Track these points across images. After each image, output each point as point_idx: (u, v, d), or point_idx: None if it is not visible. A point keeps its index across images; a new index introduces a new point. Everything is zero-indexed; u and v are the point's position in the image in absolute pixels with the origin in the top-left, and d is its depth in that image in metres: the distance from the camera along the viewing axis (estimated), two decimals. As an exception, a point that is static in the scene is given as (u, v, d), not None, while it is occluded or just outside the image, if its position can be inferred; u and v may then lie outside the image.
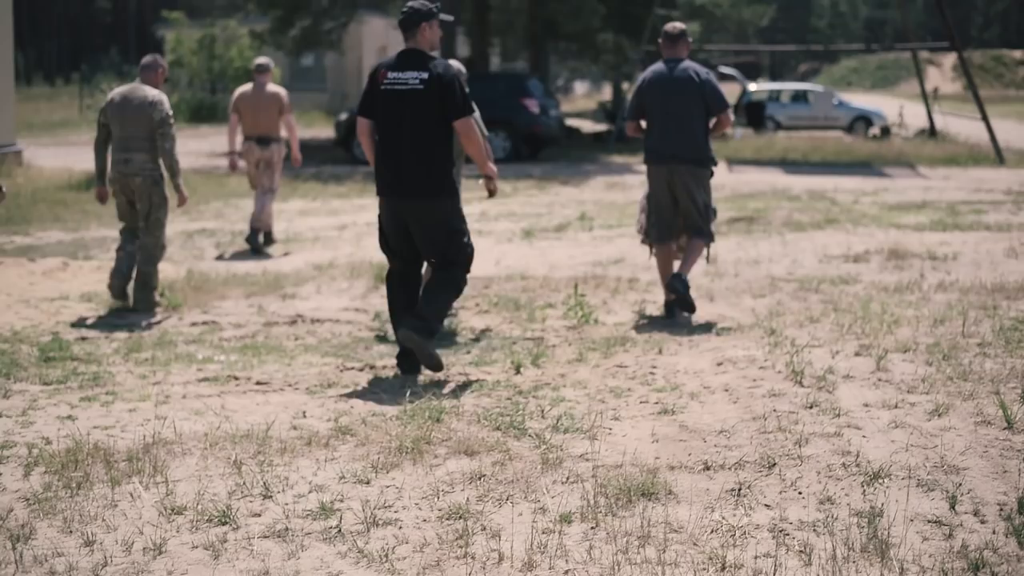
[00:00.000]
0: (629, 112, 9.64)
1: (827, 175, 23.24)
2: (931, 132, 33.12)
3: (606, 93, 66.12)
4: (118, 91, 10.22)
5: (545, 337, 8.68)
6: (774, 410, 6.36)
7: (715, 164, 9.45)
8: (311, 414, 6.58)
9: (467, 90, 7.66)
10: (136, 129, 9.92)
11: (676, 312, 9.22)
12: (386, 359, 8.09)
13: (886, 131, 36.03)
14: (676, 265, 9.41)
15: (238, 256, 13.17)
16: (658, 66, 9.42)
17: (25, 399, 6.94)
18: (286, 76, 44.06)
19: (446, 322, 8.87)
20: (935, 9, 33.25)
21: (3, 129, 22.41)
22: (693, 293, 9.26)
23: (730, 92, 9.45)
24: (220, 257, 13.17)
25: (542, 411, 6.52)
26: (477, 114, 8.08)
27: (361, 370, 7.74)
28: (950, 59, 76.08)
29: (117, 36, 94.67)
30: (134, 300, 9.98)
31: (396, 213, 7.57)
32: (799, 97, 40.82)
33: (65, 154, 26.30)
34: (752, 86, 42.70)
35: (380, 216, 7.74)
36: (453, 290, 7.74)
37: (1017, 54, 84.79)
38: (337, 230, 15.20)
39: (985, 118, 27.12)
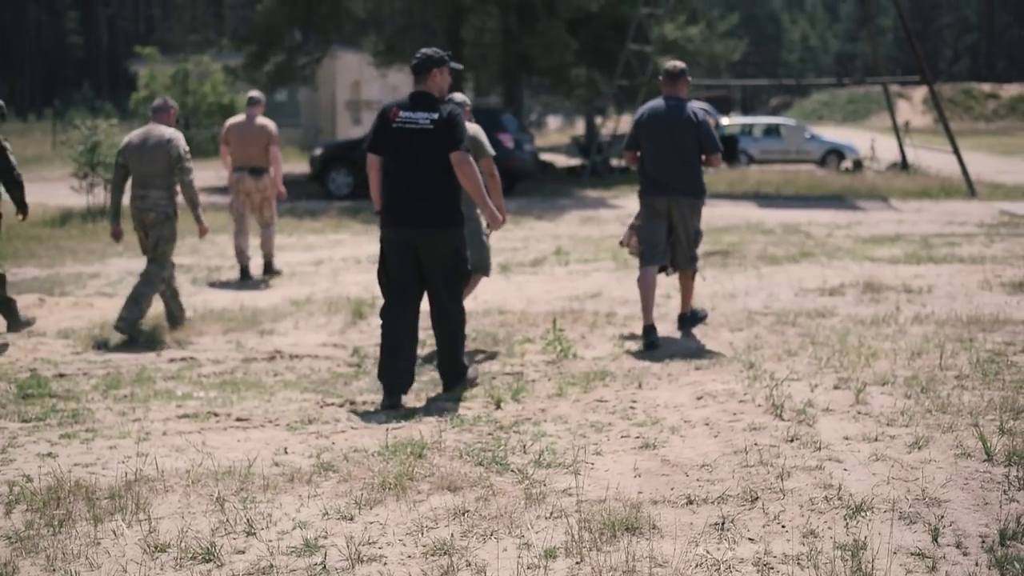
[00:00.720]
0: (627, 143, 10.06)
1: (800, 208, 23.36)
2: (903, 165, 33.33)
3: (579, 127, 66.39)
4: (135, 133, 10.69)
5: (524, 372, 8.70)
6: (755, 444, 6.37)
7: (706, 195, 9.98)
8: (292, 450, 6.57)
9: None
10: (154, 167, 10.42)
11: (655, 339, 9.47)
12: (366, 395, 8.10)
13: (858, 164, 36.23)
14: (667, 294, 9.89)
15: (226, 286, 13.26)
16: (657, 102, 9.83)
17: (4, 436, 6.90)
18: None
19: (428, 356, 8.99)
20: (905, 43, 33.45)
21: (-24, 165, 22.33)
22: (669, 326, 9.96)
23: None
24: (212, 285, 13.33)
25: (524, 446, 6.52)
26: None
27: (341, 406, 7.75)
28: (920, 92, 76.65)
29: (89, 71, 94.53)
30: (119, 316, 10.19)
31: (404, 242, 7.94)
32: (771, 131, 40.99)
33: (39, 190, 26.17)
34: (725, 120, 42.90)
35: (383, 248, 8.06)
36: (460, 328, 8.22)
37: (986, 87, 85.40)
38: (313, 265, 15.19)
39: (956, 151, 27.33)
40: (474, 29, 36.52)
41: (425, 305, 8.19)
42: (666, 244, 9.86)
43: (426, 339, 9.80)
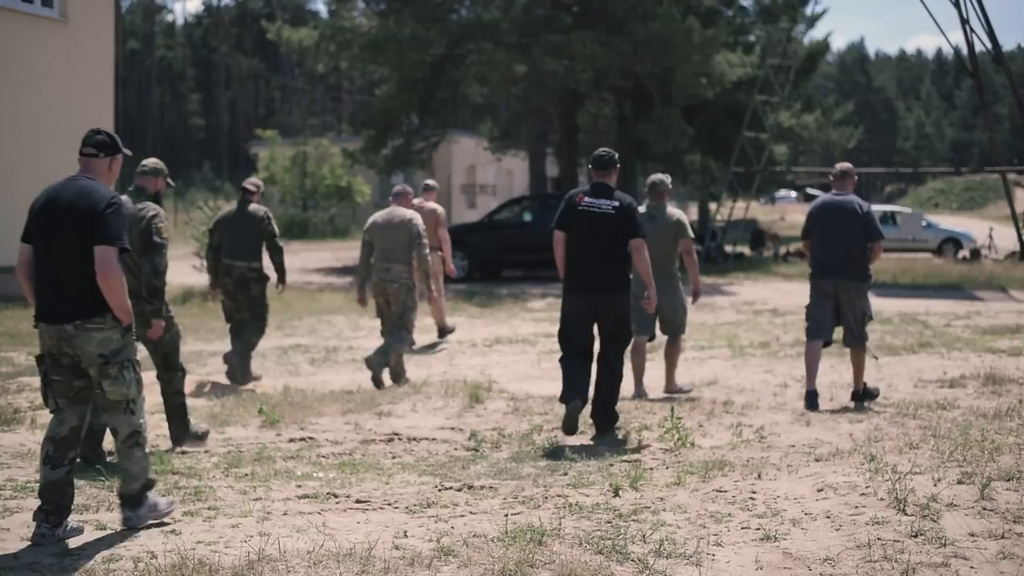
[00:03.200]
0: (803, 233, 11.44)
1: (918, 298, 23.10)
2: (1022, 255, 32.82)
3: (692, 213, 66.29)
4: (379, 214, 12.48)
5: (642, 459, 8.67)
6: (878, 538, 6.28)
7: (872, 279, 11.29)
8: (412, 534, 6.58)
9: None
10: (396, 243, 12.07)
11: (815, 403, 10.68)
12: (484, 479, 8.11)
13: (976, 253, 35.79)
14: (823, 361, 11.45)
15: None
16: (828, 196, 11.29)
17: (129, 513, 7.01)
18: (376, 194, 44.67)
19: (546, 441, 9.02)
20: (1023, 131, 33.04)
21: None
22: (787, 415, 10.13)
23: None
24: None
25: (643, 535, 6.48)
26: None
27: (459, 490, 7.75)
28: (1039, 181, 75.42)
29: (210, 152, 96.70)
30: (369, 366, 12.13)
31: (585, 305, 9.63)
32: (887, 219, 40.57)
33: (160, 268, 26.67)
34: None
35: (564, 311, 9.80)
36: (618, 383, 9.89)
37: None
38: (429, 348, 15.30)
39: (1077, 241, 26.88)
40: (590, 115, 36.84)
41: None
42: (832, 322, 11.11)
43: (532, 430, 9.85)
